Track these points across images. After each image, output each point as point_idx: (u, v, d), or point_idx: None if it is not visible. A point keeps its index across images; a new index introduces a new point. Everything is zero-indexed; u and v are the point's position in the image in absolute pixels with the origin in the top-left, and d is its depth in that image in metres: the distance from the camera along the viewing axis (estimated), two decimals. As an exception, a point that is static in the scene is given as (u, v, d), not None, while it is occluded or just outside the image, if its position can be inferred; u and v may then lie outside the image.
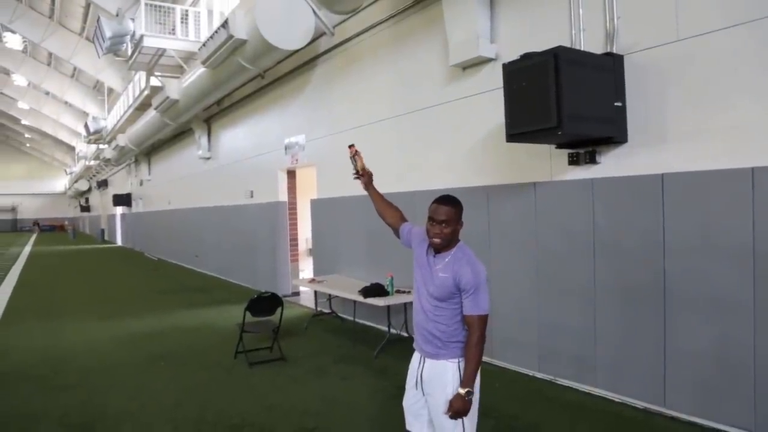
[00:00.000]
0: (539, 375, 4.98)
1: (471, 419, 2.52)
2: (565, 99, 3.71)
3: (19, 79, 28.94)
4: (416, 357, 2.71)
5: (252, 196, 11.11)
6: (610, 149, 4.27)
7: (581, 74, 3.88)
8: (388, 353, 5.95)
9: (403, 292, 6.12)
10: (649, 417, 4.04)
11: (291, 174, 9.96)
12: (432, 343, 2.58)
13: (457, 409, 2.44)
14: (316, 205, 8.74)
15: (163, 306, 9.65)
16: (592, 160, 4.36)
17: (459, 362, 2.54)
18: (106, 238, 33.78)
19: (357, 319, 7.22)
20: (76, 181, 42.45)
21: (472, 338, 2.46)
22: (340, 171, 7.87)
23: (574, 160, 4.48)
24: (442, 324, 2.55)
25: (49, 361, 6.15)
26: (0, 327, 8.17)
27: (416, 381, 2.66)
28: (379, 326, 7.10)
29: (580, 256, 4.53)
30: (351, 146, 3.14)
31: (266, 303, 5.79)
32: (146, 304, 10.01)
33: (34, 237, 41.14)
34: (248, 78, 9.96)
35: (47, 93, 30.34)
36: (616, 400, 4.32)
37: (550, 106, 3.73)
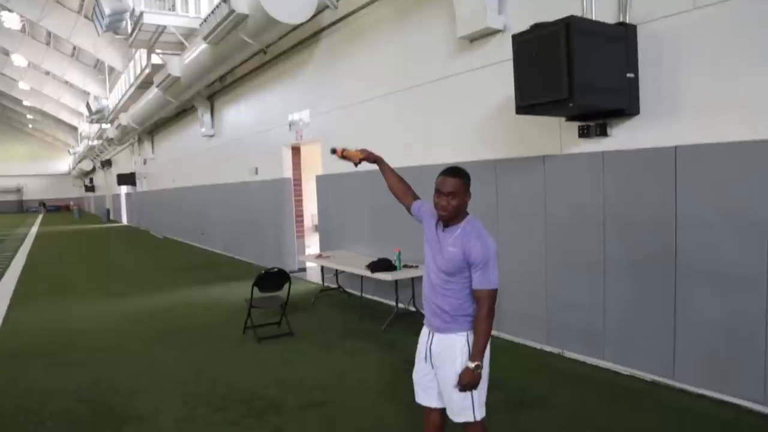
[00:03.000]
0: (547, 348, 4.99)
1: (480, 392, 2.52)
2: (576, 70, 3.64)
3: (18, 59, 28.68)
4: (425, 331, 2.70)
5: (257, 173, 11.08)
6: (621, 121, 4.21)
7: (593, 45, 3.80)
8: (396, 328, 5.97)
9: (411, 266, 6.11)
10: (657, 389, 4.05)
11: (296, 150, 9.91)
12: (440, 317, 2.57)
13: (467, 382, 2.44)
14: (322, 181, 8.71)
15: (170, 283, 9.70)
16: (602, 132, 4.30)
17: (467, 336, 2.53)
18: (111, 217, 33.88)
19: (364, 294, 7.23)
20: (79, 161, 42.47)
21: (481, 312, 2.44)
22: (346, 146, 7.80)
23: (584, 133, 4.42)
24: (451, 298, 2.53)
25: (60, 339, 6.20)
26: (10, 306, 8.22)
27: (425, 354, 2.66)
28: (386, 301, 7.12)
29: (589, 229, 4.50)
30: (333, 152, 3.10)
31: (274, 279, 5.80)
32: (154, 281, 10.07)
33: (40, 217, 41.28)
34: (251, 54, 9.84)
35: (47, 73, 30.13)
36: (624, 372, 4.33)
37: (562, 77, 3.67)
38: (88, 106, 23.89)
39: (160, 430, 3.71)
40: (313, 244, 10.69)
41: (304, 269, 9.94)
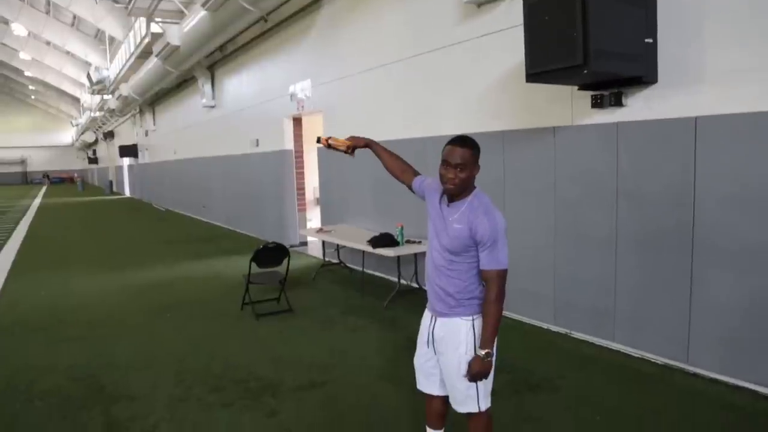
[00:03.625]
0: (554, 328, 4.83)
1: (486, 381, 2.34)
2: (592, 34, 3.39)
3: (18, 29, 28.22)
4: (428, 314, 2.52)
5: (257, 145, 10.86)
6: (638, 90, 3.96)
7: (610, 7, 3.53)
8: (398, 305, 5.82)
9: (414, 242, 5.94)
10: (670, 373, 3.88)
11: (297, 121, 9.67)
12: (444, 300, 2.37)
13: (476, 371, 2.26)
14: (324, 153, 8.49)
15: (170, 256, 9.58)
16: (617, 102, 4.06)
17: (473, 320, 2.34)
18: (114, 189, 33.78)
19: (366, 270, 7.06)
20: (82, 133, 42.19)
21: (490, 294, 2.25)
22: (348, 117, 7.60)
23: (597, 103, 4.18)
24: (456, 279, 2.33)
25: (57, 313, 6.09)
26: (8, 279, 8.12)
27: (427, 339, 2.48)
28: (388, 277, 6.97)
29: (601, 204, 4.29)
30: (319, 140, 2.90)
31: (272, 254, 5.64)
32: (154, 254, 9.95)
33: (44, 189, 41.24)
34: (251, 21, 9.54)
35: (48, 43, 29.69)
36: (635, 354, 4.17)
37: (576, 42, 3.42)
38: (89, 76, 23.58)
39: (151, 412, 3.57)
40: (314, 218, 10.53)
41: (305, 243, 9.79)
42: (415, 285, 6.27)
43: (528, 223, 4.89)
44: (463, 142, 2.28)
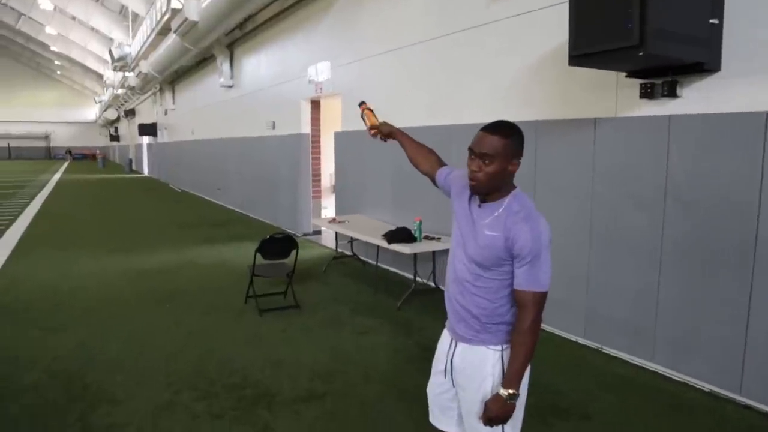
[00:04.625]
0: (583, 341, 4.37)
1: (514, 425, 1.91)
2: (650, 11, 2.89)
3: (44, 2, 28.16)
4: (447, 337, 2.09)
5: (274, 128, 10.46)
6: (696, 79, 3.45)
7: (671, -20, 3.04)
8: (413, 305, 5.40)
9: (432, 238, 5.49)
10: (718, 402, 3.41)
11: (315, 104, 9.23)
12: (468, 323, 1.93)
13: (494, 414, 1.83)
14: (341, 139, 8.05)
15: (179, 240, 9.26)
16: (671, 92, 3.54)
17: (503, 350, 1.90)
18: (133, 167, 33.76)
19: (380, 264, 6.65)
20: (105, 110, 42.25)
21: (524, 322, 1.80)
22: (368, 100, 7.09)
23: (647, 92, 3.68)
24: (483, 299, 1.89)
25: (54, 296, 5.81)
26: (11, 257, 7.87)
27: (445, 367, 2.04)
28: (403, 273, 6.55)
29: (646, 207, 3.80)
30: (362, 104, 2.58)
31: (279, 245, 5.24)
32: (163, 237, 9.64)
33: (65, 165, 41.47)
34: (270, -3, 9.15)
35: (73, 18, 29.59)
36: (676, 378, 3.70)
37: (632, 19, 2.93)
38: (110, 52, 23.34)
39: (130, 421, 3.20)
40: (330, 206, 10.09)
41: (318, 232, 9.39)
42: (432, 284, 5.83)
43: (559, 224, 4.40)
44: (496, 128, 1.82)
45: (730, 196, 3.33)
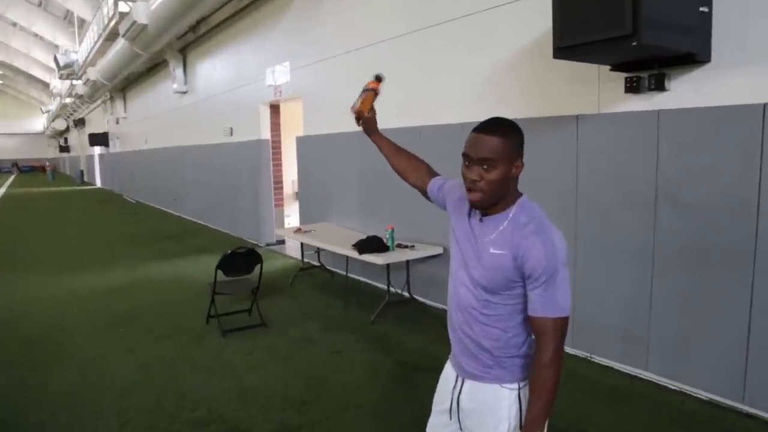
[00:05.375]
0: (572, 351, 4.14)
1: None
2: (643, -3, 2.67)
3: (-19, 8, 26.78)
4: (451, 372, 1.78)
5: (232, 134, 10.00)
6: (685, 71, 3.26)
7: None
8: (388, 318, 5.09)
9: (405, 246, 5.20)
10: (719, 412, 3.21)
11: (274, 108, 8.83)
12: (478, 358, 1.64)
13: None
14: (303, 143, 7.69)
15: (135, 255, 8.72)
16: (658, 86, 3.35)
17: (520, 388, 1.62)
18: (85, 179, 32.46)
19: (350, 274, 6.31)
20: (53, 120, 40.55)
21: (544, 354, 1.51)
22: (330, 103, 6.81)
23: (633, 86, 3.47)
24: (495, 328, 1.61)
25: (-11, 326, 5.25)
26: (-55, 280, 7.22)
27: (451, 407, 1.73)
28: (375, 283, 6.23)
29: (635, 208, 3.59)
30: (377, 80, 2.10)
31: (242, 260, 4.86)
32: (117, 252, 9.07)
33: (11, 178, 39.65)
34: (224, -3, 8.73)
35: (14, 24, 28.24)
36: (673, 387, 3.49)
37: (624, 6, 2.69)
38: (56, 59, 22.30)
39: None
40: (293, 214, 9.72)
41: (283, 242, 8.98)
42: (406, 294, 5.53)
43: (542, 228, 4.18)
44: (494, 127, 1.54)
45: (726, 193, 3.14)
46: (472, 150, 1.53)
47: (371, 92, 2.06)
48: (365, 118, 2.06)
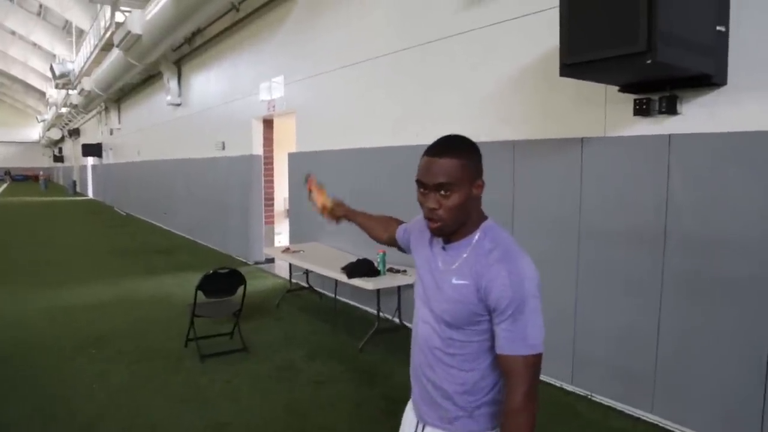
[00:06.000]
0: (570, 388, 3.87)
1: None
2: (660, 12, 2.46)
3: (-20, 16, 26.66)
4: (411, 414, 1.61)
5: (223, 148, 9.77)
6: (699, 94, 3.05)
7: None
8: (377, 345, 4.82)
9: (397, 271, 4.95)
10: (734, 463, 2.96)
11: (268, 123, 8.61)
12: (439, 407, 1.48)
13: None
14: (295, 160, 7.46)
15: (118, 270, 8.41)
16: (670, 108, 3.13)
17: None
18: (77, 189, 32.13)
19: (339, 297, 6.07)
20: (48, 130, 40.31)
21: (513, 398, 1.32)
22: (326, 119, 6.59)
23: (642, 109, 3.26)
24: (460, 371, 1.44)
25: (-47, 344, 4.94)
26: None
27: None
28: (365, 308, 5.97)
29: (643, 239, 3.35)
30: (308, 177, 2.23)
31: (224, 281, 4.59)
32: (100, 267, 8.76)
33: (3, 187, 39.28)
34: (220, 10, 8.60)
35: (13, 33, 28.13)
36: (681, 432, 3.24)
37: (638, 20, 2.49)
38: (51, 68, 22.14)
39: None
40: (284, 231, 9.46)
41: (272, 260, 8.70)
42: (397, 320, 5.27)
43: (543, 257, 3.88)
44: (446, 148, 1.40)
45: (742, 225, 2.91)
46: (426, 176, 1.39)
47: (315, 187, 2.15)
48: (332, 207, 2.07)
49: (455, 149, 1.39)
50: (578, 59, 2.79)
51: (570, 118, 3.72)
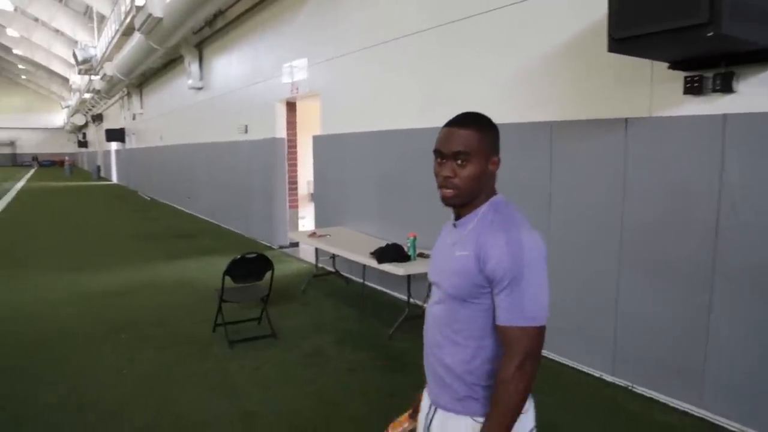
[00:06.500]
0: (610, 378, 3.73)
1: None
2: (722, -22, 2.27)
3: (4, 3, 26.84)
4: (426, 403, 1.60)
5: (246, 132, 9.69)
6: (759, 70, 2.85)
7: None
8: (407, 332, 4.72)
9: (428, 256, 4.82)
10: (790, 461, 2.81)
11: (291, 106, 8.50)
12: (449, 386, 1.47)
13: None
14: (319, 143, 7.34)
15: (142, 255, 8.44)
16: (725, 86, 2.94)
17: None
18: (101, 174, 32.51)
19: (366, 282, 5.97)
20: (72, 115, 40.79)
21: (506, 367, 1.33)
22: (349, 101, 6.45)
23: (693, 87, 3.06)
24: (466, 348, 1.43)
25: (-17, 329, 4.96)
26: (-53, 277, 6.98)
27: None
28: (394, 293, 5.87)
29: (693, 226, 3.17)
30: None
31: (252, 266, 4.52)
32: (125, 252, 8.80)
33: (31, 172, 39.93)
34: (241, -10, 8.44)
35: (36, 19, 28.34)
36: (731, 428, 3.08)
37: (699, -12, 2.30)
38: (74, 55, 22.26)
39: None
40: (308, 215, 9.37)
41: (296, 244, 8.64)
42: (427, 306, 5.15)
43: (583, 246, 3.77)
44: (465, 120, 1.44)
45: (805, 211, 2.72)
46: (445, 145, 1.43)
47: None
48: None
49: (475, 122, 1.43)
50: (629, 33, 2.61)
51: (612, 98, 3.53)
